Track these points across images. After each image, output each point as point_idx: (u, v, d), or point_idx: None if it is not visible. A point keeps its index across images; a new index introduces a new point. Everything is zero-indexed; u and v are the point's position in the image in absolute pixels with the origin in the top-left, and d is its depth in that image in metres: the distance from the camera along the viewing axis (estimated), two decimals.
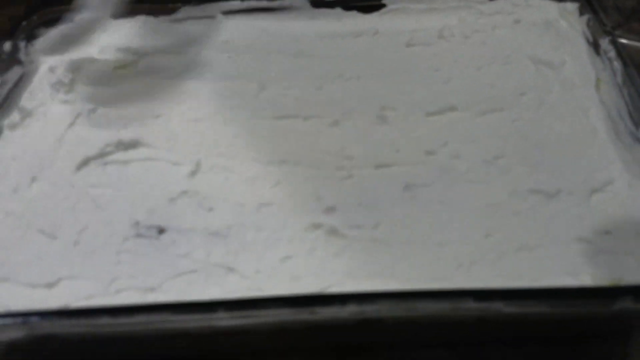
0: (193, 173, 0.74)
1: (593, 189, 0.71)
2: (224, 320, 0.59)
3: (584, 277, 0.63)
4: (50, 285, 0.65)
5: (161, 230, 0.69)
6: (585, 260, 0.65)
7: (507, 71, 0.84)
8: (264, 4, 0.93)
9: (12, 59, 0.87)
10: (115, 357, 0.67)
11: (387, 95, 0.81)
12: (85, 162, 0.76)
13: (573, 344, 0.67)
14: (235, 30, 0.92)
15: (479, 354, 0.67)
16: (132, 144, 0.77)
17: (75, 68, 0.87)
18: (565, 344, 0.67)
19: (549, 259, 0.65)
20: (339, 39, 0.91)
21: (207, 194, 0.72)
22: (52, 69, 0.86)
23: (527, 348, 0.67)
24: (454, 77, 0.84)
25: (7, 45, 0.87)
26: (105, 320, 0.59)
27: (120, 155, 0.76)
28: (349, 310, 0.58)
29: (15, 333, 0.60)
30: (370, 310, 0.59)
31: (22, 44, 0.89)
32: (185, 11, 0.93)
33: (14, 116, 0.81)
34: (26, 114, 0.81)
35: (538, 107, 0.79)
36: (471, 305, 0.58)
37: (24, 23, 0.90)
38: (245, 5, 0.94)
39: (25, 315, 0.59)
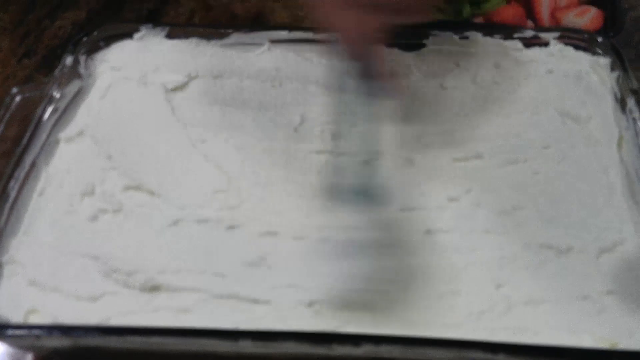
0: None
1: (603, 248, 0.74)
2: (248, 347, 0.65)
3: (584, 335, 0.68)
4: (94, 299, 0.71)
5: None
6: (587, 318, 0.69)
7: (534, 122, 0.88)
8: (310, 35, 0.98)
9: (73, 73, 0.92)
10: None
11: (417, 137, 0.86)
12: None
13: None
14: (281, 59, 0.96)
15: None
16: None
17: None
18: None
19: (553, 314, 0.69)
20: None
21: (242, 221, 0.77)
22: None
23: None
24: (483, 123, 0.88)
25: (69, 60, 0.92)
26: (139, 339, 0.66)
27: None
28: (364, 349, 0.64)
29: (60, 342, 0.67)
30: (384, 351, 0.65)
31: (82, 58, 0.94)
32: (235, 37, 0.97)
33: (71, 129, 0.87)
34: (81, 131, 0.87)
35: (560, 161, 0.83)
36: (477, 356, 0.64)
37: (85, 38, 0.95)
38: (292, 35, 0.98)
39: (71, 329, 0.66)
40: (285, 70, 0.95)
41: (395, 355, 0.65)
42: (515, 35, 0.97)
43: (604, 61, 0.93)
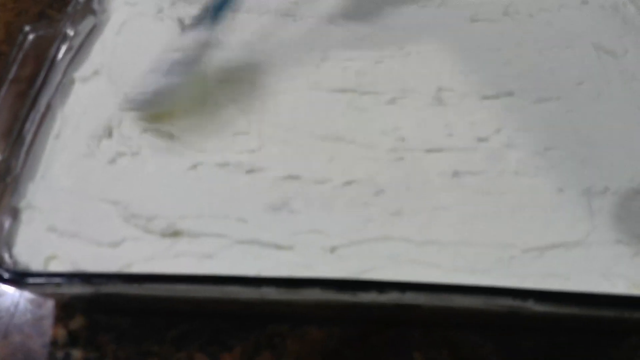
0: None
1: (638, 190, 0.72)
2: (272, 294, 0.64)
3: (617, 280, 0.66)
4: (114, 245, 0.69)
5: None
6: (620, 262, 0.67)
7: (568, 56, 0.84)
8: None
9: (86, 9, 0.89)
10: (169, 311, 0.73)
11: (446, 74, 0.83)
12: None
13: (602, 335, 0.71)
14: None
15: (511, 340, 0.71)
16: None
17: None
18: (595, 334, 0.71)
19: (585, 259, 0.67)
20: (404, 7, 0.92)
21: (263, 165, 0.75)
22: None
23: (558, 337, 0.71)
24: (514, 59, 0.84)
25: None
26: (161, 287, 0.64)
27: None
28: (389, 297, 0.62)
29: (82, 290, 0.66)
30: (409, 298, 0.63)
31: None
32: None
33: (86, 68, 0.85)
34: (96, 70, 0.84)
35: (594, 98, 0.80)
36: (505, 303, 0.62)
37: None
38: None
39: (92, 276, 0.65)
40: (304, 6, 0.91)
41: (421, 302, 0.64)
42: None
43: None
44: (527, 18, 0.89)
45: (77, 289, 0.66)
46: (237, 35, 0.87)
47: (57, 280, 0.65)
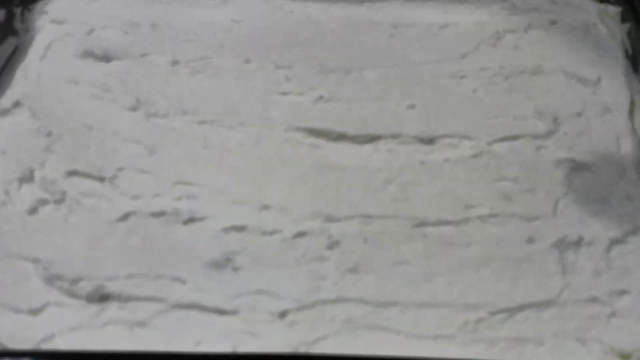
0: None
1: (614, 239, 0.66)
2: None
3: (593, 344, 0.60)
4: (35, 312, 0.61)
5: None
6: (597, 324, 0.61)
7: (536, 84, 0.78)
8: None
9: (7, 28, 0.81)
10: None
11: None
12: None
13: None
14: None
15: None
16: None
17: None
18: None
19: (558, 320, 0.61)
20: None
21: (203, 214, 0.68)
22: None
23: None
24: (479, 87, 0.78)
25: (1, 13, 0.81)
26: None
27: None
28: None
29: None
30: None
31: (17, 10, 0.82)
32: None
33: (6, 99, 0.76)
34: (18, 101, 0.76)
35: (565, 134, 0.74)
36: None
37: None
38: None
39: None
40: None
41: None
42: None
43: (614, 11, 0.84)
44: (494, 40, 0.82)
45: None
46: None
47: None
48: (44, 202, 0.68)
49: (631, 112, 0.76)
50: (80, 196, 0.69)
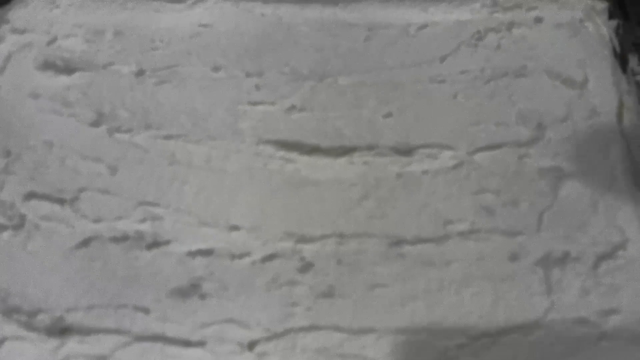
0: None
1: (601, 254, 0.63)
2: None
3: None
4: None
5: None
6: (585, 347, 0.58)
7: (519, 87, 0.74)
8: None
9: None
10: None
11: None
12: None
13: None
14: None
15: None
16: None
17: None
18: None
19: (544, 345, 0.58)
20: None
21: (167, 237, 0.64)
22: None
23: None
24: (460, 92, 0.74)
25: None
26: None
27: None
28: None
29: None
30: None
31: None
32: None
33: None
34: None
35: (550, 140, 0.70)
36: None
37: None
38: None
39: None
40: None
41: None
42: None
43: (601, 6, 0.80)
44: (474, 40, 0.78)
45: None
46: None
47: None
48: (2, 227, 0.65)
49: (620, 115, 0.72)
50: (39, 220, 0.66)
